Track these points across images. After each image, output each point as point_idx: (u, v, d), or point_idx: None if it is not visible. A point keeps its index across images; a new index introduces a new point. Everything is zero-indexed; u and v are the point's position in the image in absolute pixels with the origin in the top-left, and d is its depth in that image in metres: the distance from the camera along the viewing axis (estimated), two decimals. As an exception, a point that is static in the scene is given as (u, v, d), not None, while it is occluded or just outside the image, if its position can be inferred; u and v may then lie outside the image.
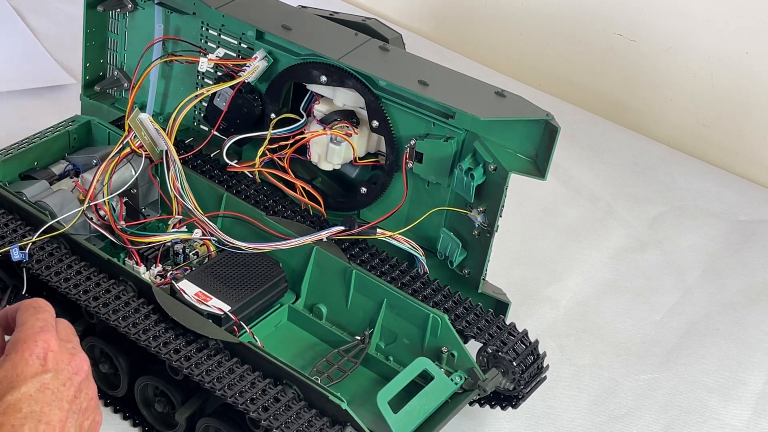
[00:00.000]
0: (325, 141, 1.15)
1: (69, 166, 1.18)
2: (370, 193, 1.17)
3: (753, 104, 1.59)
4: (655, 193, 1.53)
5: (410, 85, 1.09)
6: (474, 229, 1.10)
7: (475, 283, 1.13)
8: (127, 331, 0.97)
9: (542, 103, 1.08)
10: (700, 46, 1.60)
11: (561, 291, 1.32)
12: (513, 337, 1.07)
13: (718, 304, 1.34)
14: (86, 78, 1.32)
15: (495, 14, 1.79)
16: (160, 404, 1.03)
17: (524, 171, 1.05)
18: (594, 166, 1.57)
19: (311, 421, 0.93)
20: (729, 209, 1.52)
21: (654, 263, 1.39)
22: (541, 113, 1.04)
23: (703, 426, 1.16)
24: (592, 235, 1.43)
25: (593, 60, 1.71)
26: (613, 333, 1.27)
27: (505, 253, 1.30)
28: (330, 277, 1.10)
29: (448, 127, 1.09)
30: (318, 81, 1.13)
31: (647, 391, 1.19)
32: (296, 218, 1.15)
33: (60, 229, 1.04)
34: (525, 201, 1.44)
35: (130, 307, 0.99)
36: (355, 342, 1.07)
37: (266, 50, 1.17)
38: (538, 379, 1.08)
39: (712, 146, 1.65)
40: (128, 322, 0.97)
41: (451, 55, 1.78)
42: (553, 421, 1.14)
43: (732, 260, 1.42)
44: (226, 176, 1.19)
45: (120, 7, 1.26)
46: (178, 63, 1.24)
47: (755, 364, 1.25)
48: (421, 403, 0.99)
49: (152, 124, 1.12)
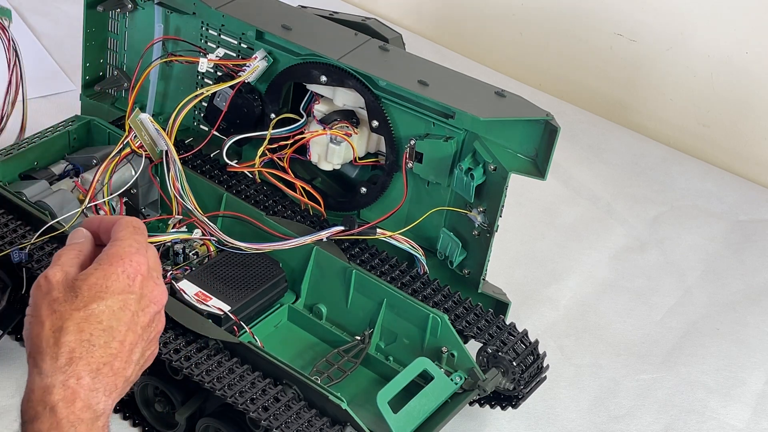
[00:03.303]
0: (325, 141, 1.15)
1: (69, 166, 1.18)
2: (370, 193, 1.17)
3: (753, 104, 1.59)
4: (655, 193, 1.53)
5: (410, 85, 1.09)
6: (474, 229, 1.10)
7: (475, 283, 1.13)
8: (127, 331, 0.97)
9: (542, 103, 1.08)
10: (700, 46, 1.60)
11: (561, 291, 1.32)
12: (513, 337, 1.07)
13: (718, 304, 1.34)
14: (86, 78, 1.32)
15: (495, 14, 1.79)
16: (160, 404, 1.03)
17: (524, 171, 1.05)
18: (594, 166, 1.57)
19: (311, 421, 0.93)
20: (729, 209, 1.52)
21: (654, 263, 1.39)
22: (541, 113, 1.04)
23: (703, 426, 1.16)
24: (592, 235, 1.43)
25: (593, 60, 1.71)
26: (613, 333, 1.27)
27: (505, 253, 1.30)
28: (330, 277, 1.10)
29: (448, 127, 1.09)
30: (318, 81, 1.13)
31: (647, 391, 1.19)
32: (296, 218, 1.14)
33: (60, 229, 1.04)
34: (525, 201, 1.44)
35: (130, 307, 0.99)
36: (355, 342, 1.07)
37: (266, 50, 1.17)
38: (538, 379, 1.08)
39: (712, 146, 1.65)
40: (128, 322, 0.97)
41: (451, 55, 1.78)
42: (553, 421, 1.14)
43: (732, 260, 1.42)
44: (226, 176, 1.19)
45: (120, 7, 1.26)
46: (178, 63, 1.24)
47: (755, 364, 1.25)
48: (421, 403, 0.99)
49: (152, 124, 1.12)
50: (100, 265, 0.80)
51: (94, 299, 0.78)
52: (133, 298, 0.80)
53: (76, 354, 0.76)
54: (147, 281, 0.82)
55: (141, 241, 0.84)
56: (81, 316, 0.77)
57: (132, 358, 0.80)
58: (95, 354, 0.77)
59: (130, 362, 0.80)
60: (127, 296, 0.80)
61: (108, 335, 0.78)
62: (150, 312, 0.82)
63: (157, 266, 0.85)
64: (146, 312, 0.81)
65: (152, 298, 0.82)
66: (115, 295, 0.79)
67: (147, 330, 0.82)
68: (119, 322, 0.79)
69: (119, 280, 0.80)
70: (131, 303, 0.80)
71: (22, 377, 1.08)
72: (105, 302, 0.78)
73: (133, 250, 0.82)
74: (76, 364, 0.76)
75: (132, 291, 0.80)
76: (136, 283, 0.81)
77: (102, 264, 0.80)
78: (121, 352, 0.79)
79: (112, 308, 0.79)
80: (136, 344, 0.80)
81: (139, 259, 0.82)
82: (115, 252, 0.81)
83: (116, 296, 0.79)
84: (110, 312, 0.79)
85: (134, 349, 0.80)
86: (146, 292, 0.82)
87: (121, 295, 0.79)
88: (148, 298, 0.82)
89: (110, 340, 0.78)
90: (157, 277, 0.84)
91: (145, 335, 0.82)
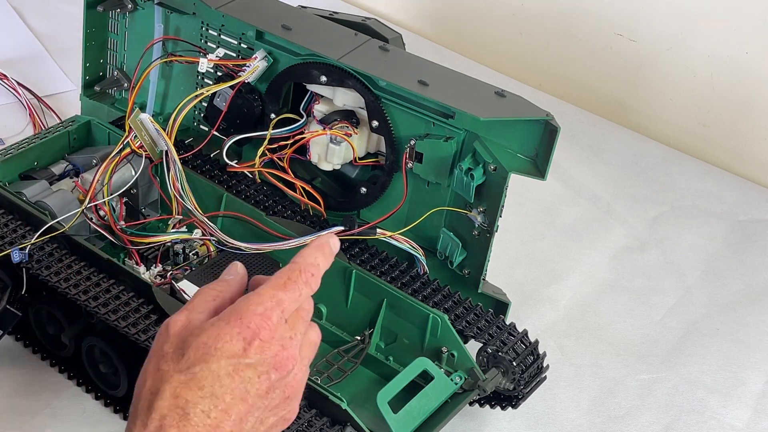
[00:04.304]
0: (325, 141, 1.15)
1: (69, 166, 1.18)
2: (370, 193, 1.17)
3: (753, 104, 1.59)
4: (655, 193, 1.53)
5: (410, 85, 1.09)
6: (474, 229, 1.10)
7: (475, 283, 1.13)
8: (126, 331, 0.97)
9: (542, 103, 1.08)
10: (700, 46, 1.60)
11: (561, 291, 1.32)
12: (513, 337, 1.07)
13: (718, 304, 1.34)
14: (86, 78, 1.32)
15: (495, 14, 1.79)
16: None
17: (524, 171, 1.05)
18: (594, 166, 1.57)
19: (311, 421, 0.93)
20: (729, 209, 1.52)
21: (654, 263, 1.39)
22: (541, 113, 1.04)
23: (703, 426, 1.16)
24: (592, 235, 1.43)
25: (593, 60, 1.71)
26: (613, 333, 1.27)
27: (505, 253, 1.30)
28: (330, 277, 1.09)
29: (448, 127, 1.09)
30: (318, 81, 1.13)
31: (647, 391, 1.19)
32: (296, 218, 1.14)
33: (60, 229, 1.04)
34: (525, 201, 1.44)
35: (130, 307, 0.99)
36: (355, 342, 1.07)
37: (266, 50, 1.17)
38: (538, 379, 1.08)
39: (712, 146, 1.65)
40: (128, 322, 0.97)
41: (451, 55, 1.78)
42: (553, 421, 1.14)
43: (732, 260, 1.42)
44: (226, 176, 1.19)
45: (120, 7, 1.26)
46: (178, 63, 1.24)
47: (755, 364, 1.25)
48: (421, 403, 0.99)
49: (152, 124, 1.12)
50: (218, 321, 0.73)
51: (199, 361, 0.71)
52: (246, 363, 0.72)
53: (167, 422, 0.70)
54: (269, 345, 0.73)
55: (279, 299, 0.75)
56: (181, 380, 0.71)
57: (241, 428, 0.73)
58: (189, 423, 0.70)
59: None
60: (239, 361, 0.72)
61: (209, 403, 0.71)
62: (269, 379, 0.74)
63: (295, 324, 0.76)
64: (263, 379, 0.73)
65: (273, 364, 0.74)
66: (223, 359, 0.72)
67: (264, 398, 0.74)
68: (224, 390, 0.71)
69: (232, 343, 0.72)
70: (243, 369, 0.72)
71: (22, 377, 1.09)
72: (210, 366, 0.71)
73: (259, 309, 0.74)
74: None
75: (247, 356, 0.72)
76: (252, 348, 0.73)
77: (220, 321, 0.73)
78: (223, 422, 0.71)
79: (218, 374, 0.71)
80: (247, 414, 0.73)
81: (262, 323, 0.73)
82: (238, 309, 0.74)
83: (225, 360, 0.72)
84: (215, 377, 0.71)
85: (245, 419, 0.73)
86: (266, 358, 0.73)
87: (231, 359, 0.72)
88: (266, 365, 0.73)
89: (212, 408, 0.71)
90: (289, 339, 0.75)
91: (260, 403, 0.73)
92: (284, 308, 0.75)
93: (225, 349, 0.72)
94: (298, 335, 0.76)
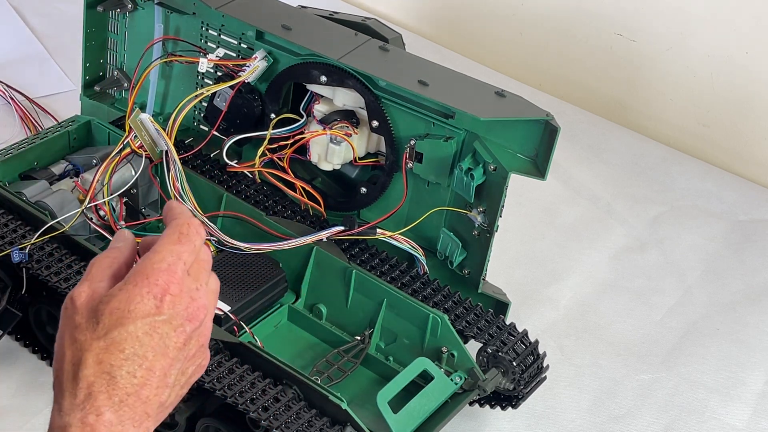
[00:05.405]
0: (325, 141, 1.15)
1: (69, 166, 1.18)
2: (370, 193, 1.17)
3: (753, 104, 1.59)
4: (655, 193, 1.53)
5: (410, 85, 1.09)
6: (474, 229, 1.10)
7: (475, 283, 1.13)
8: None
9: (542, 103, 1.08)
10: (700, 46, 1.60)
11: (561, 291, 1.32)
12: (513, 337, 1.07)
13: (718, 304, 1.34)
14: (86, 78, 1.32)
15: (495, 14, 1.79)
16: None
17: (524, 171, 1.05)
18: (594, 166, 1.57)
19: (311, 421, 0.93)
20: (729, 209, 1.52)
21: (654, 263, 1.39)
22: (541, 113, 1.04)
23: (703, 426, 1.16)
24: (592, 235, 1.43)
25: (593, 60, 1.71)
26: (613, 333, 1.27)
27: (505, 253, 1.30)
28: (330, 277, 1.10)
29: (448, 127, 1.09)
30: (318, 81, 1.13)
31: (647, 391, 1.19)
32: (296, 218, 1.15)
33: (60, 229, 1.04)
34: (525, 201, 1.44)
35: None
36: (355, 342, 1.07)
37: (266, 50, 1.17)
38: (538, 379, 1.08)
39: (712, 146, 1.65)
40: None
41: (451, 55, 1.78)
42: (553, 421, 1.14)
43: (732, 260, 1.42)
44: (226, 176, 1.19)
45: (120, 7, 1.26)
46: (178, 63, 1.24)
47: (755, 364, 1.25)
48: (421, 403, 0.99)
49: (152, 124, 1.12)
50: (125, 285, 0.74)
51: (116, 326, 0.72)
52: (162, 320, 0.73)
53: (95, 388, 0.71)
54: (179, 299, 0.75)
55: (179, 254, 0.76)
56: (101, 346, 0.72)
57: (166, 382, 0.74)
58: (117, 386, 0.71)
59: (164, 387, 0.74)
60: (154, 319, 0.73)
61: (133, 364, 0.72)
62: (185, 331, 0.75)
63: (198, 275, 0.78)
64: (179, 332, 0.74)
65: (186, 316, 0.75)
66: (138, 319, 0.73)
67: (182, 350, 0.75)
68: (145, 349, 0.72)
69: (144, 303, 0.73)
70: (159, 325, 0.73)
71: (22, 377, 1.09)
72: (126, 328, 0.72)
73: (163, 266, 0.75)
74: (95, 399, 0.71)
75: (160, 312, 0.73)
76: (164, 304, 0.74)
77: (127, 284, 0.74)
78: (149, 379, 0.72)
79: (135, 334, 0.72)
80: (169, 367, 0.74)
81: (168, 278, 0.74)
82: (142, 269, 0.75)
83: (140, 321, 0.73)
84: (134, 338, 0.72)
85: (168, 373, 0.74)
86: (178, 311, 0.74)
87: (146, 318, 0.73)
88: (180, 318, 0.74)
89: (136, 368, 0.72)
90: (196, 290, 0.76)
91: (180, 355, 0.75)
92: (185, 261, 0.76)
93: (138, 310, 0.73)
94: (203, 285, 0.78)
